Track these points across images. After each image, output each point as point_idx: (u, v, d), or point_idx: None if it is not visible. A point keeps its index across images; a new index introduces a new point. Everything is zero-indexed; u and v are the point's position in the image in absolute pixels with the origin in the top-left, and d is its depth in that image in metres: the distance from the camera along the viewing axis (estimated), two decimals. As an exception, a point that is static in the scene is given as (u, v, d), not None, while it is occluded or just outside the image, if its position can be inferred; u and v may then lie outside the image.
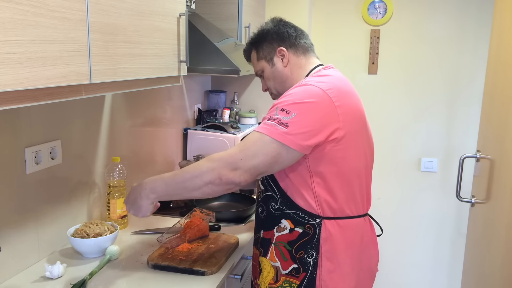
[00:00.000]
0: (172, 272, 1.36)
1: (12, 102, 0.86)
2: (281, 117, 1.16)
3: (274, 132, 1.15)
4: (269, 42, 1.39)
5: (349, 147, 1.23)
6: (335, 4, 2.82)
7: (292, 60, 1.38)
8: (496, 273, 1.55)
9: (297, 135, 1.15)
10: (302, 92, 1.21)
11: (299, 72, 1.38)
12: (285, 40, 1.38)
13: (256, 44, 1.43)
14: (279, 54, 1.38)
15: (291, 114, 1.16)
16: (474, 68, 2.67)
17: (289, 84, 1.37)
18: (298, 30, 1.41)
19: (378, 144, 2.89)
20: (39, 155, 1.38)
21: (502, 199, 1.53)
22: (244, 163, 1.17)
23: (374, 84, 2.84)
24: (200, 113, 2.57)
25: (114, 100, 1.78)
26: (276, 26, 1.41)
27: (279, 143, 1.16)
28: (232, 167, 1.18)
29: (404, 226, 2.92)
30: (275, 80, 1.40)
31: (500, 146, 1.60)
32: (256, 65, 1.44)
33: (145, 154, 2.06)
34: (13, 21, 0.82)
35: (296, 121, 1.15)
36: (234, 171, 1.18)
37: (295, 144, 1.16)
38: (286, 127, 1.15)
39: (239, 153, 1.19)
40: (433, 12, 2.68)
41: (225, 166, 1.19)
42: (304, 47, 1.40)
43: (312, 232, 1.26)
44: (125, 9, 1.19)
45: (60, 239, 1.51)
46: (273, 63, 1.39)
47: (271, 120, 1.17)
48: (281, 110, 1.18)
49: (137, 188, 1.31)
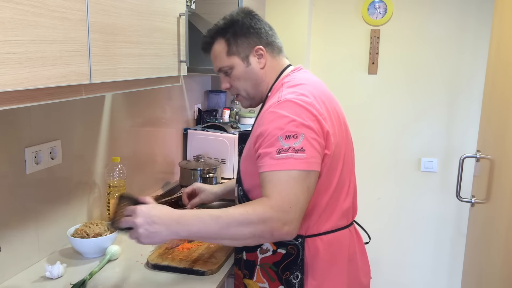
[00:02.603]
0: (172, 272, 1.36)
1: (12, 102, 0.86)
2: (293, 144, 1.04)
3: (297, 163, 1.03)
4: (245, 36, 1.23)
5: (334, 158, 1.16)
6: (335, 4, 2.82)
7: (268, 61, 1.26)
8: (496, 273, 1.55)
9: (315, 155, 1.07)
10: (290, 110, 1.08)
11: (272, 75, 1.27)
12: (263, 38, 1.25)
13: (226, 34, 1.24)
14: (256, 53, 1.24)
15: (299, 137, 1.05)
16: (474, 68, 2.67)
17: (262, 87, 1.27)
18: (272, 28, 1.30)
19: (378, 144, 2.90)
20: (39, 155, 1.38)
21: (502, 199, 1.53)
22: (294, 211, 1.02)
23: (374, 84, 2.84)
24: (200, 113, 2.57)
25: (114, 100, 1.78)
26: (250, 19, 1.25)
27: (307, 172, 1.04)
28: (284, 221, 1.01)
29: (404, 226, 2.92)
30: (248, 81, 1.26)
31: (500, 146, 1.60)
32: (223, 59, 1.25)
33: (145, 154, 2.06)
34: (13, 21, 0.82)
35: (308, 142, 1.05)
36: (287, 225, 1.01)
37: (318, 165, 1.08)
38: (304, 152, 1.04)
39: (283, 200, 1.02)
40: (433, 12, 2.68)
41: (278, 219, 1.01)
42: (278, 47, 1.29)
43: (295, 252, 1.17)
44: (125, 9, 1.19)
45: (60, 239, 1.51)
46: (249, 62, 1.24)
47: (284, 152, 1.04)
48: (286, 137, 1.05)
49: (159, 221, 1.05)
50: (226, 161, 2.36)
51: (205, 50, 1.30)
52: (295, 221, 1.03)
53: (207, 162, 2.21)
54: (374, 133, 2.89)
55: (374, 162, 2.91)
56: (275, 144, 1.05)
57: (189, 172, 2.15)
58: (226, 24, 1.25)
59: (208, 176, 2.14)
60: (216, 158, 2.35)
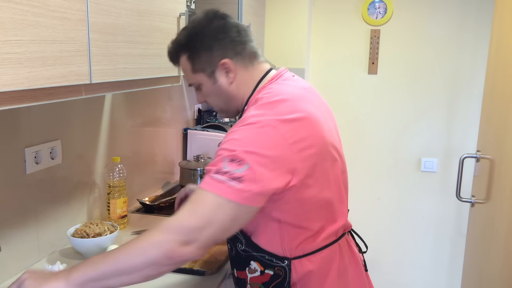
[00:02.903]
0: (172, 272, 1.36)
1: (12, 102, 0.86)
2: (232, 170, 0.93)
3: (228, 191, 0.92)
4: (207, 49, 1.09)
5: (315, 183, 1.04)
6: (335, 4, 2.82)
7: (239, 75, 1.11)
8: (496, 273, 1.55)
9: (254, 191, 0.94)
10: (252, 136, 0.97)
11: (246, 88, 1.13)
12: (229, 48, 1.09)
13: (187, 49, 1.12)
14: (222, 67, 1.10)
15: (244, 165, 0.93)
16: (474, 68, 2.67)
17: (235, 103, 1.15)
18: (242, 31, 1.12)
19: (378, 144, 2.90)
20: (39, 155, 1.38)
21: (502, 199, 1.53)
22: (199, 233, 0.92)
23: (374, 84, 2.84)
24: (200, 113, 2.58)
25: (114, 100, 1.78)
26: (213, 26, 1.10)
27: (236, 204, 0.93)
28: (183, 241, 0.91)
29: (404, 226, 2.92)
30: (219, 98, 1.15)
31: (500, 146, 1.60)
32: (190, 77, 1.15)
33: (145, 154, 2.06)
34: (13, 21, 0.82)
35: (251, 175, 0.93)
36: (187, 246, 0.92)
37: (254, 201, 0.95)
38: (240, 182, 0.92)
39: (191, 220, 0.93)
40: (433, 12, 2.68)
41: (174, 240, 0.91)
42: (252, 53, 1.13)
43: (283, 274, 1.11)
44: (125, 9, 1.19)
45: (60, 239, 1.51)
46: (216, 78, 1.11)
47: (220, 174, 0.94)
48: (230, 161, 0.94)
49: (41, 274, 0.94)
50: (226, 161, 2.35)
51: (173, 64, 1.19)
52: (198, 243, 0.93)
53: (207, 162, 2.21)
54: (374, 133, 2.89)
55: (374, 162, 2.91)
56: (218, 164, 0.96)
57: (189, 172, 2.15)
58: (186, 38, 1.12)
59: (208, 176, 2.14)
60: (216, 158, 2.35)
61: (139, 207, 1.95)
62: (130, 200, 1.83)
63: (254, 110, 1.02)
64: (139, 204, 1.95)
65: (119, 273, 0.91)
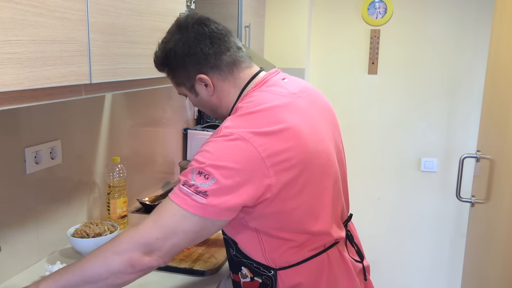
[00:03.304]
0: (172, 272, 1.36)
1: (12, 102, 0.86)
2: (198, 184, 0.92)
3: (192, 205, 0.92)
4: (182, 67, 1.08)
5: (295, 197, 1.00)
6: (335, 4, 2.82)
7: (218, 87, 1.09)
8: (496, 273, 1.55)
9: (219, 206, 0.93)
10: (222, 147, 0.95)
11: (228, 98, 1.11)
12: (203, 63, 1.07)
13: (165, 67, 1.13)
14: (200, 81, 1.09)
15: (210, 179, 0.92)
16: (474, 68, 2.67)
17: (220, 111, 1.14)
18: (216, 40, 1.07)
19: (378, 144, 2.90)
20: (39, 155, 1.38)
21: (502, 199, 1.53)
22: (161, 243, 0.93)
23: (374, 84, 2.84)
24: (200, 113, 2.58)
25: (114, 100, 1.78)
26: (185, 40, 1.07)
27: (200, 217, 0.93)
28: (145, 250, 0.93)
29: (404, 226, 2.92)
30: (204, 108, 1.16)
31: (500, 146, 1.60)
32: (176, 88, 1.17)
33: (145, 154, 2.06)
34: (13, 21, 0.82)
35: (216, 189, 0.92)
36: (149, 255, 0.94)
37: (219, 215, 0.94)
38: (205, 196, 0.92)
39: (153, 229, 0.94)
40: (433, 12, 2.68)
41: (136, 248, 0.93)
42: (229, 62, 1.08)
43: (270, 283, 1.09)
44: (125, 9, 1.19)
45: (60, 239, 1.51)
46: (196, 92, 1.11)
47: (187, 187, 0.93)
48: (198, 173, 0.93)
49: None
50: (226, 161, 2.35)
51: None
52: (160, 252, 0.94)
53: (207, 162, 2.21)
54: (374, 133, 2.89)
55: (374, 162, 2.91)
56: (187, 175, 0.95)
57: (189, 172, 2.15)
58: (162, 56, 1.11)
59: (208, 176, 2.14)
60: (216, 158, 2.35)
61: (139, 207, 1.94)
62: (130, 200, 1.83)
63: (230, 121, 1.00)
64: (139, 204, 1.95)
65: (85, 282, 0.94)
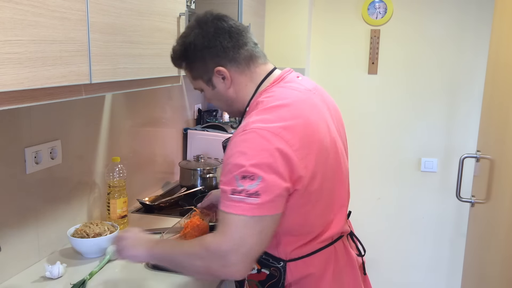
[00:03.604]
0: (172, 272, 1.36)
1: (12, 102, 0.86)
2: (247, 187, 0.95)
3: (248, 209, 0.95)
4: (200, 59, 1.12)
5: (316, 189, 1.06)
6: (335, 4, 2.82)
7: (235, 79, 1.13)
8: (496, 273, 1.55)
9: (272, 199, 0.97)
10: (254, 144, 0.98)
11: (245, 91, 1.14)
12: (221, 56, 1.10)
13: (183, 60, 1.16)
14: (218, 74, 1.12)
15: (256, 179, 0.95)
16: (474, 68, 2.67)
17: (236, 105, 1.17)
18: (234, 35, 1.12)
19: (378, 144, 2.90)
20: (39, 155, 1.38)
21: (502, 199, 1.53)
22: (235, 255, 0.97)
23: (374, 84, 2.84)
24: (200, 113, 2.58)
25: (114, 100, 1.78)
26: (205, 34, 1.10)
27: (259, 217, 0.96)
28: (222, 263, 0.98)
29: (404, 226, 2.92)
30: (220, 101, 1.19)
31: (500, 146, 1.60)
32: (192, 82, 1.19)
33: (145, 154, 2.06)
34: (13, 21, 0.82)
35: (265, 186, 0.96)
36: (226, 268, 0.98)
37: (275, 209, 0.99)
38: (258, 196, 0.95)
39: (224, 243, 0.97)
40: (433, 12, 2.68)
41: (215, 260, 0.98)
42: (247, 57, 1.13)
43: (278, 274, 1.13)
44: (125, 9, 1.19)
45: (60, 239, 1.51)
46: (213, 84, 1.14)
47: (237, 194, 0.96)
48: (242, 178, 0.96)
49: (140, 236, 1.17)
50: (226, 161, 2.35)
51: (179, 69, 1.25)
52: (238, 264, 0.98)
53: (207, 162, 2.21)
54: (374, 133, 2.89)
55: (374, 162, 2.91)
56: (231, 183, 0.98)
57: (189, 172, 2.15)
58: (180, 50, 1.15)
59: (208, 176, 2.15)
60: (216, 158, 2.35)
61: (139, 207, 1.95)
62: (130, 200, 1.83)
63: (255, 115, 1.03)
64: (139, 204, 1.95)
65: (179, 266, 1.07)
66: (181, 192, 2.04)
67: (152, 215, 1.86)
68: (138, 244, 1.13)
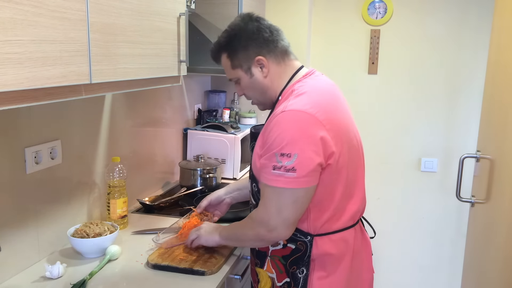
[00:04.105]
0: (172, 272, 1.36)
1: (12, 102, 0.86)
2: (285, 163, 1.12)
3: (286, 181, 1.13)
4: (243, 48, 1.26)
5: (342, 165, 1.21)
6: (335, 4, 2.82)
7: (272, 69, 1.27)
8: (496, 273, 1.55)
9: (307, 174, 1.13)
10: (292, 123, 1.14)
11: (279, 81, 1.29)
12: (263, 46, 1.26)
13: (227, 49, 1.29)
14: (257, 63, 1.26)
15: (293, 156, 1.11)
16: (474, 68, 2.67)
17: (270, 94, 1.30)
18: (274, 31, 1.28)
19: (378, 144, 2.90)
20: (39, 155, 1.38)
21: (502, 199, 1.53)
22: (275, 222, 1.16)
23: (374, 84, 2.84)
24: (200, 113, 2.58)
25: (114, 100, 1.79)
26: (249, 28, 1.26)
27: (296, 189, 1.14)
28: (267, 229, 1.18)
29: (404, 226, 2.92)
30: (254, 90, 1.31)
31: (500, 146, 1.60)
32: (230, 72, 1.31)
33: (145, 154, 2.06)
34: (13, 21, 0.82)
35: (300, 162, 1.11)
36: (271, 232, 1.18)
37: (309, 182, 1.15)
38: (294, 171, 1.12)
39: (265, 213, 1.18)
40: (433, 11, 2.68)
41: (261, 227, 1.19)
42: (283, 51, 1.29)
43: (304, 249, 1.24)
44: (125, 9, 1.19)
45: (60, 239, 1.51)
46: (252, 73, 1.28)
47: (277, 170, 1.13)
48: (281, 155, 1.12)
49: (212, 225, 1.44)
50: (226, 161, 2.36)
51: (215, 62, 1.37)
52: (279, 228, 1.17)
53: (207, 162, 2.21)
54: (374, 133, 2.89)
55: (374, 162, 2.91)
56: (271, 159, 1.14)
57: (189, 172, 2.15)
58: (226, 39, 1.29)
59: (208, 176, 2.15)
60: (216, 158, 2.35)
61: (139, 207, 1.95)
62: (130, 200, 1.83)
63: (293, 99, 1.18)
64: (139, 204, 1.95)
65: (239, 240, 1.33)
66: (181, 192, 2.04)
67: (152, 215, 1.86)
68: (211, 231, 1.39)
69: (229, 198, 1.61)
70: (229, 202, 1.62)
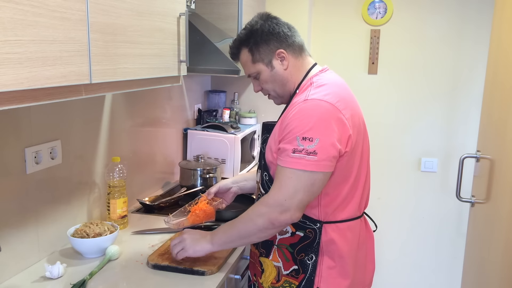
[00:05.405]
0: (172, 272, 1.36)
1: (12, 102, 0.86)
2: (307, 147, 1.16)
3: (307, 164, 1.16)
4: (265, 43, 1.32)
5: (355, 155, 1.27)
6: (335, 4, 2.82)
7: (291, 62, 1.33)
8: (496, 273, 1.55)
9: (327, 158, 1.18)
10: (314, 111, 1.19)
11: (297, 74, 1.35)
12: (282, 41, 1.32)
13: (248, 44, 1.34)
14: (278, 56, 1.32)
15: (314, 140, 1.16)
16: (474, 68, 2.67)
17: (289, 87, 1.35)
18: (291, 28, 1.36)
19: (378, 144, 2.89)
20: (39, 155, 1.38)
21: (502, 199, 1.53)
22: (290, 202, 1.18)
23: (374, 84, 2.84)
24: (200, 113, 2.58)
25: (114, 100, 1.79)
26: (269, 24, 1.33)
27: (314, 172, 1.17)
28: (280, 210, 1.19)
29: (404, 226, 2.92)
30: (275, 83, 1.35)
31: (500, 146, 1.60)
32: (250, 67, 1.36)
33: (145, 154, 2.06)
34: (13, 21, 0.82)
35: (322, 146, 1.16)
36: (284, 213, 1.19)
37: (328, 167, 1.19)
38: (315, 155, 1.16)
39: (280, 194, 1.19)
40: (433, 12, 2.68)
41: (273, 210, 1.19)
42: (299, 46, 1.36)
43: (313, 236, 1.28)
44: (125, 9, 1.19)
45: (60, 239, 1.51)
46: (273, 66, 1.33)
47: (298, 153, 1.17)
48: (302, 139, 1.17)
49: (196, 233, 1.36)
50: (226, 161, 2.36)
51: (233, 59, 1.42)
52: (292, 209, 1.19)
53: (207, 162, 2.21)
54: (374, 133, 2.88)
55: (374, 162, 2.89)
56: (292, 143, 1.18)
57: (189, 172, 2.15)
58: (246, 34, 1.34)
59: (208, 176, 2.15)
60: (216, 158, 2.35)
61: (139, 207, 1.95)
62: (130, 200, 1.83)
63: (313, 90, 1.25)
64: (139, 204, 1.95)
65: (241, 237, 1.27)
66: (181, 192, 2.04)
67: (152, 215, 1.86)
68: (198, 240, 1.33)
69: (236, 187, 1.63)
70: (235, 191, 1.64)
